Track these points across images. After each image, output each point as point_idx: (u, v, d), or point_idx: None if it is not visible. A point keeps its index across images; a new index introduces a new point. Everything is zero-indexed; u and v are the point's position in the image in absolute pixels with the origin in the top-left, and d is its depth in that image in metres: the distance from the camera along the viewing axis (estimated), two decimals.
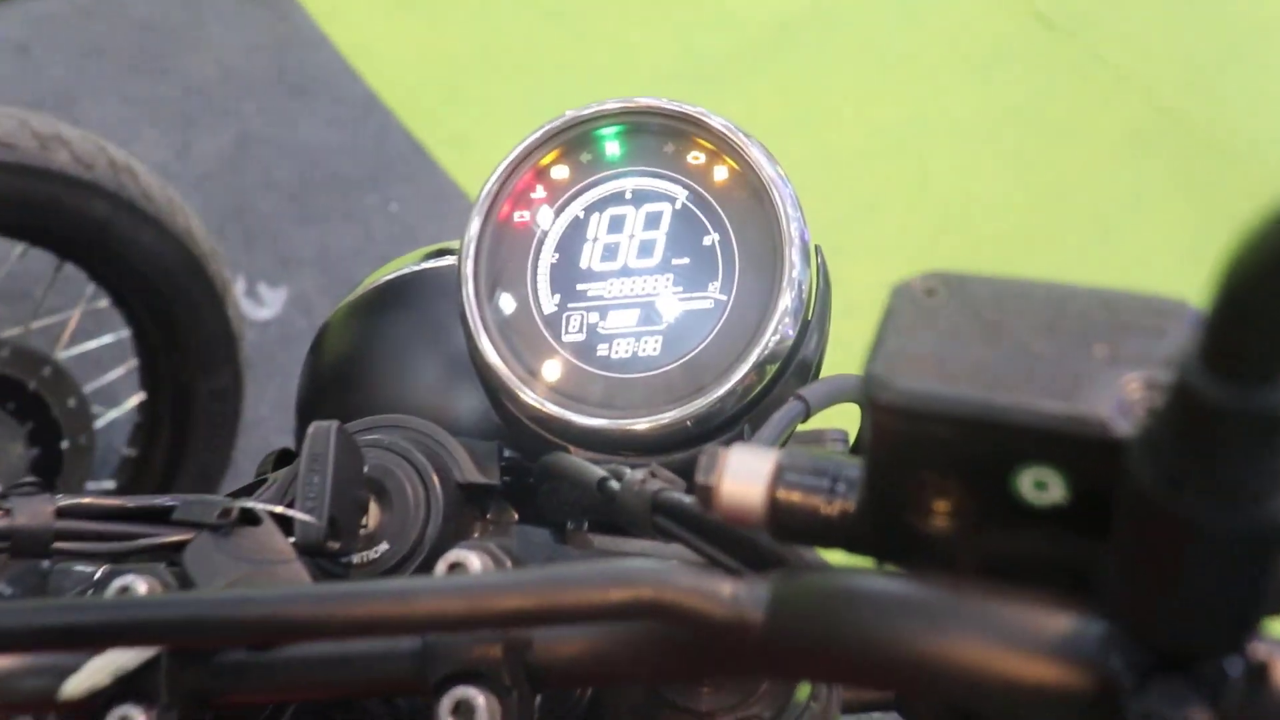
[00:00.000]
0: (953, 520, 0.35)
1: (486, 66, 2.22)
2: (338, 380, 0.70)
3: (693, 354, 0.57)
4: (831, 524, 0.38)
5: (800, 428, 0.56)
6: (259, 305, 1.89)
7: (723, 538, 0.43)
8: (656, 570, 0.38)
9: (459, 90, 2.18)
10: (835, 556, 0.39)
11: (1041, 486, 0.34)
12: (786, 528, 0.38)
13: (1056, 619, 0.34)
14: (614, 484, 0.50)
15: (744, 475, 0.38)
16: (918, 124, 2.12)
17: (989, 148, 2.11)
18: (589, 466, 0.52)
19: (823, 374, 0.60)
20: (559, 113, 0.62)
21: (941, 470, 0.35)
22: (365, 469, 0.54)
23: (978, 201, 2.04)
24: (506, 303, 0.60)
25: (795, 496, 0.38)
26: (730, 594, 0.37)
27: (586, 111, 0.61)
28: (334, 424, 0.51)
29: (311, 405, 0.71)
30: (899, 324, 0.35)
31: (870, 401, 0.34)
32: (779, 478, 0.38)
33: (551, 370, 0.59)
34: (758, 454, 0.39)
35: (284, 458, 0.63)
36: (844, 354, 0.61)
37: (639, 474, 0.48)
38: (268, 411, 1.74)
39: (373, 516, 0.54)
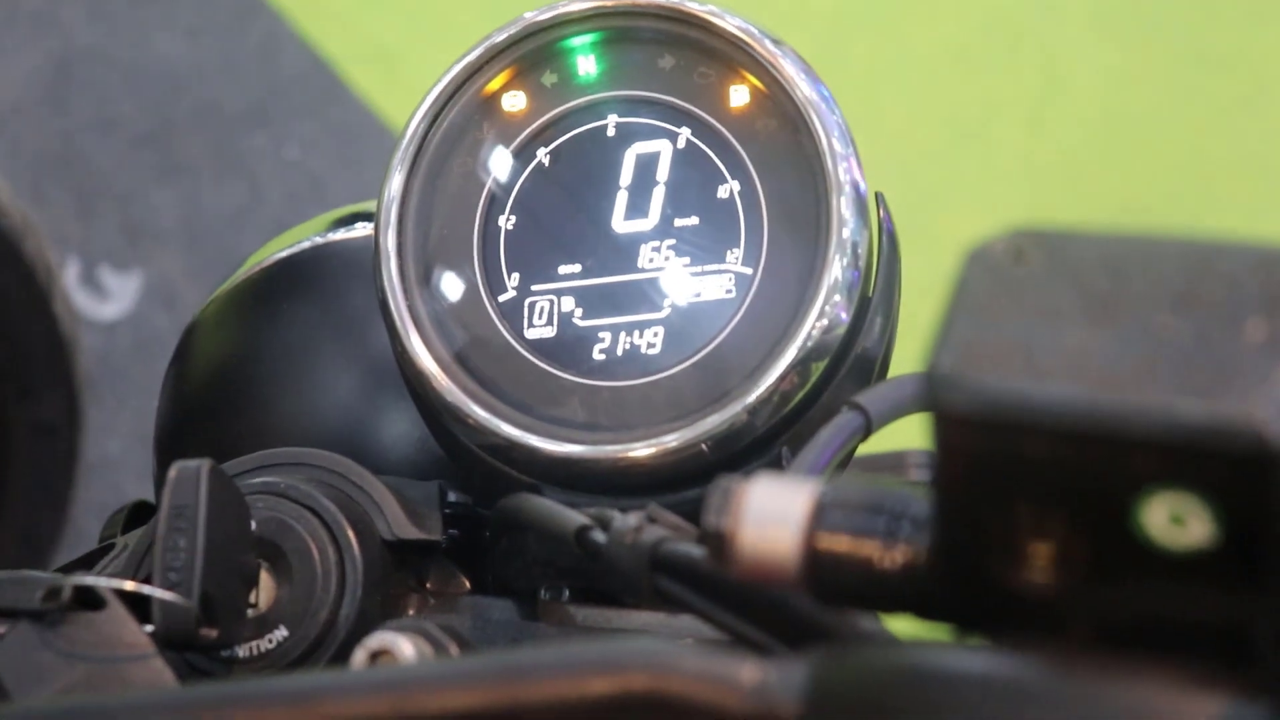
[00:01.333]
0: (1057, 572, 0.37)
1: None
2: (212, 401, 0.72)
3: (708, 350, 0.59)
4: (892, 580, 0.40)
5: (863, 450, 0.58)
6: (101, 299, 1.91)
7: (745, 603, 0.44)
8: (654, 651, 0.40)
9: None
10: (899, 625, 0.41)
11: (1178, 521, 0.35)
12: (831, 586, 0.40)
13: (1203, 702, 0.36)
14: (599, 535, 0.51)
15: (771, 516, 0.40)
16: (1043, 4, 2.12)
17: (1156, 36, 2.11)
18: (565, 512, 0.54)
19: (893, 373, 0.62)
20: (515, 15, 0.64)
21: (1039, 502, 0.36)
22: (252, 525, 0.56)
23: (1135, 122, 2.04)
24: (446, 286, 0.62)
25: (842, 543, 0.40)
26: (754, 680, 0.39)
27: (548, 14, 0.63)
28: (204, 463, 0.53)
29: (176, 438, 0.73)
30: (975, 301, 0.37)
31: (936, 408, 0.36)
32: (819, 518, 0.40)
33: (511, 378, 0.60)
34: (788, 486, 0.41)
35: (139, 514, 0.64)
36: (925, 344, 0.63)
37: (633, 519, 0.50)
38: (118, 450, 1.76)
39: (265, 591, 0.56)
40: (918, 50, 2.10)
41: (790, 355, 0.58)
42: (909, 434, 0.59)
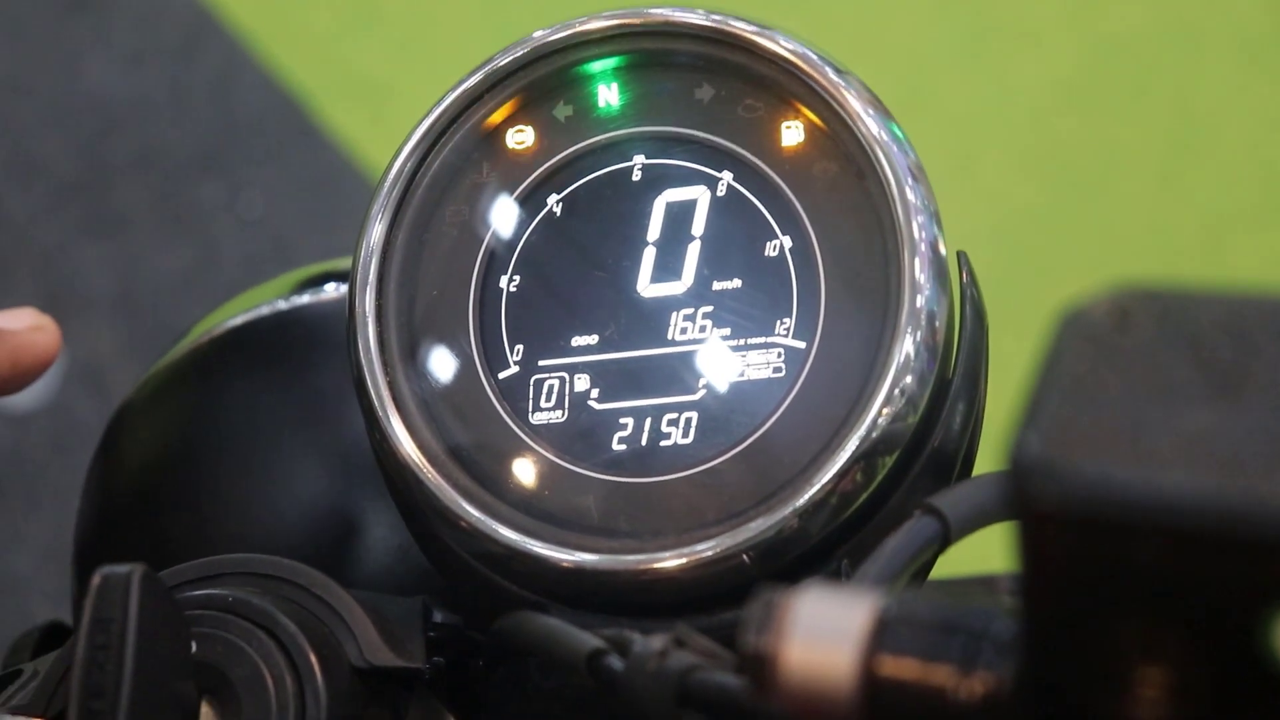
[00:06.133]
0: (1171, 705, 0.37)
1: None
2: (146, 498, 0.73)
3: (751, 440, 0.60)
4: (969, 715, 0.40)
5: (942, 568, 0.58)
6: None
7: None
8: None
9: None
10: None
11: None
12: None
13: None
14: (616, 662, 0.52)
15: (822, 634, 0.41)
16: (1177, 28, 2.11)
17: None
18: (576, 634, 0.55)
19: (978, 472, 0.62)
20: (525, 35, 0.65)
21: (1149, 620, 0.37)
22: (193, 647, 0.56)
23: None
24: (436, 361, 0.63)
25: (908, 669, 0.40)
26: None
27: (562, 33, 0.64)
28: (136, 569, 0.53)
29: (101, 544, 0.73)
30: (1070, 373, 0.38)
31: (1021, 502, 0.36)
32: (881, 637, 0.41)
33: (512, 473, 0.61)
34: (844, 599, 0.41)
35: (52, 637, 0.65)
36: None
37: (657, 644, 0.50)
38: (30, 566, 1.76)
39: None
40: (1019, 85, 2.09)
41: (851, 448, 0.58)
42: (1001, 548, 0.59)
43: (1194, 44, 2.11)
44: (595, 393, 0.62)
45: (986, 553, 0.62)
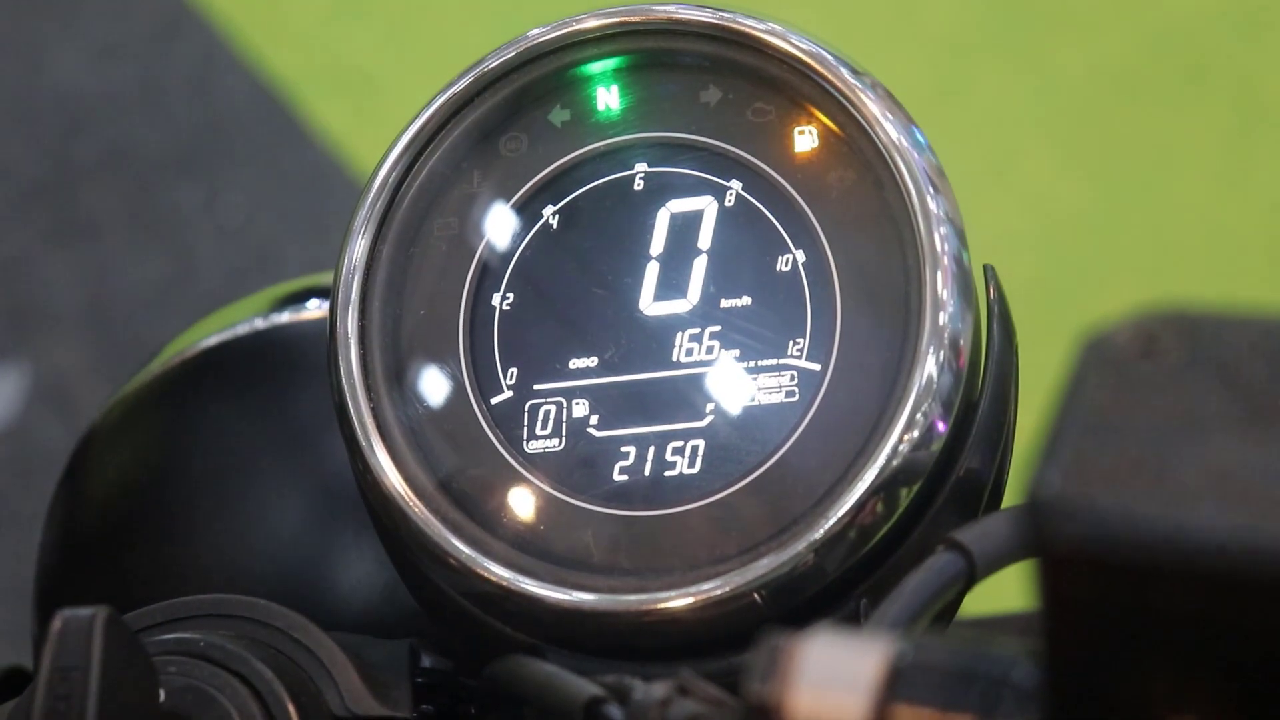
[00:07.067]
0: None
1: None
2: (113, 532, 0.73)
3: (762, 470, 0.60)
4: None
5: (969, 606, 0.59)
6: None
7: None
8: None
9: None
10: None
11: None
12: None
13: None
14: (616, 711, 0.53)
15: (831, 682, 0.41)
16: (1237, 12, 2.10)
17: None
18: (573, 681, 0.55)
19: (1008, 504, 0.63)
20: (522, 32, 0.65)
21: (1179, 668, 0.37)
22: (161, 696, 0.56)
23: None
24: (424, 385, 0.63)
25: (923, 719, 0.41)
26: None
27: (557, 32, 0.64)
28: (100, 612, 0.53)
29: (64, 581, 0.74)
30: (1092, 404, 0.38)
31: (1040, 543, 0.37)
32: (894, 685, 0.41)
33: (506, 506, 0.62)
34: (855, 645, 0.42)
35: (11, 684, 0.66)
36: None
37: (660, 691, 0.50)
38: None
39: None
40: (1063, 74, 2.08)
41: (870, 478, 0.58)
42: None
43: (1257, 26, 2.10)
44: (595, 419, 0.62)
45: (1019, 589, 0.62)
